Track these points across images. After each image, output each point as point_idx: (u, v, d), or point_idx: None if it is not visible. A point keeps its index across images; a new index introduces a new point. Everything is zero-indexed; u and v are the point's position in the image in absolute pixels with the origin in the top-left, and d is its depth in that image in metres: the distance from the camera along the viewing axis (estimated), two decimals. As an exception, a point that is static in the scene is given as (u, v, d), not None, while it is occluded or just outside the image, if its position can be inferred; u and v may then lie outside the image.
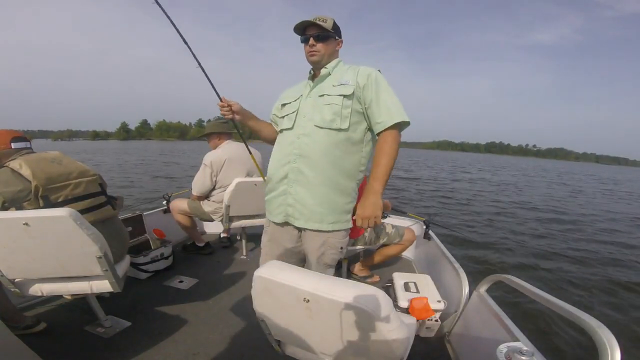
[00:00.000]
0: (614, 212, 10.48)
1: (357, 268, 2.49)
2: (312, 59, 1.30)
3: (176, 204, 2.69)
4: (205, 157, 2.56)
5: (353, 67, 1.31)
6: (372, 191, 1.18)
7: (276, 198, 1.35)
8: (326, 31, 1.27)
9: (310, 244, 1.33)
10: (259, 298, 0.97)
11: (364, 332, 0.84)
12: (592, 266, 4.89)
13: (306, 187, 1.26)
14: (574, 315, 0.96)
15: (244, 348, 1.61)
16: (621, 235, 7.17)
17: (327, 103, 1.24)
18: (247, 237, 2.85)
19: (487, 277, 1.57)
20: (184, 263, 2.62)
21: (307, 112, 1.28)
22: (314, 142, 1.24)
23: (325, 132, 1.23)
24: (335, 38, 1.32)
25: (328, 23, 1.27)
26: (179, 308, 1.95)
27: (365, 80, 1.23)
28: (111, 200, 1.71)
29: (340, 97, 1.23)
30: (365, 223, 1.19)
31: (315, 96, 1.29)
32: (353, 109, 1.23)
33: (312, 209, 1.26)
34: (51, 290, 1.47)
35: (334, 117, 1.22)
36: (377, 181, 1.18)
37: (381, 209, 1.18)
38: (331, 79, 1.30)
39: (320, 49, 1.28)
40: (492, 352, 0.92)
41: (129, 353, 1.53)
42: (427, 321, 1.71)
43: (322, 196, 1.25)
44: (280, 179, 1.32)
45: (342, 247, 1.33)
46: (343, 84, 1.25)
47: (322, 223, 1.27)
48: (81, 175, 1.57)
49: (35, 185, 1.37)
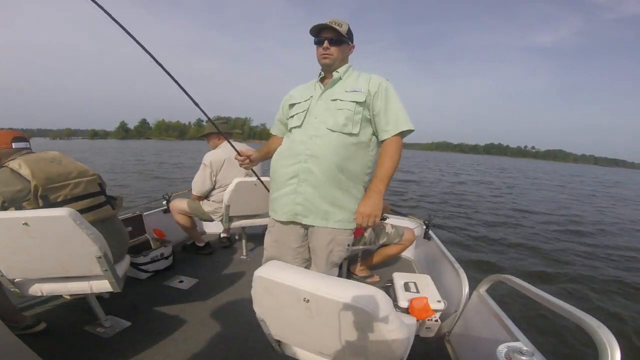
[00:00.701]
0: (614, 213, 10.49)
1: (357, 268, 2.49)
2: (324, 61, 1.33)
3: (176, 204, 2.68)
4: (204, 157, 2.56)
5: (364, 74, 1.35)
6: (375, 191, 1.24)
7: (283, 197, 1.36)
8: (341, 36, 1.30)
9: (319, 242, 1.36)
10: (259, 298, 0.97)
11: (364, 332, 0.84)
12: (592, 266, 4.89)
13: (315, 187, 1.30)
14: (574, 315, 0.96)
15: (244, 348, 1.61)
16: (622, 236, 7.18)
17: (339, 108, 1.29)
18: (247, 237, 2.85)
19: (487, 277, 1.57)
20: (184, 263, 2.62)
21: (318, 114, 1.32)
22: (326, 144, 1.28)
23: (337, 135, 1.28)
24: (348, 43, 1.36)
25: (343, 28, 1.30)
26: (179, 308, 1.95)
27: (377, 88, 1.29)
28: (110, 200, 1.71)
29: (353, 103, 1.28)
30: (366, 221, 1.23)
31: (327, 99, 1.33)
32: (363, 115, 1.29)
33: (321, 207, 1.30)
34: (51, 290, 1.47)
35: (347, 121, 1.27)
36: (380, 182, 1.24)
37: (382, 208, 1.23)
38: (342, 83, 1.34)
39: (333, 53, 1.31)
40: (492, 352, 0.92)
41: (129, 353, 1.52)
42: (427, 321, 1.71)
43: (331, 196, 1.30)
44: (288, 178, 1.34)
45: (348, 245, 1.37)
46: (356, 91, 1.29)
47: (330, 221, 1.31)
48: (80, 175, 1.57)
49: (34, 185, 1.37)
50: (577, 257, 5.30)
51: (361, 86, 1.30)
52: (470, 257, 4.78)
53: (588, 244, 6.21)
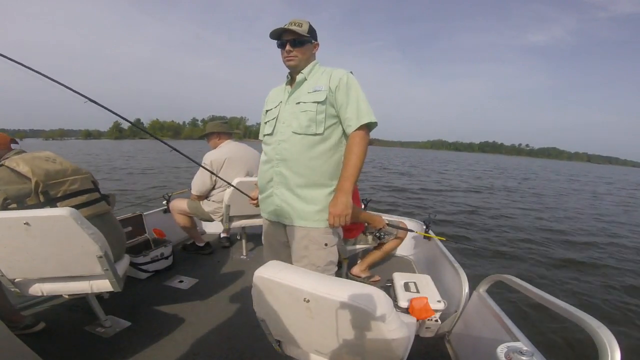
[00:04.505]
0: (615, 214, 10.48)
1: (357, 269, 2.49)
2: (289, 64, 1.34)
3: (176, 204, 2.69)
4: (205, 157, 2.56)
5: (327, 70, 1.35)
6: (342, 190, 1.25)
7: (266, 199, 1.43)
8: (302, 36, 1.30)
9: (293, 238, 1.38)
10: (259, 298, 0.97)
11: (364, 332, 0.84)
12: (592, 266, 4.89)
13: (289, 189, 1.33)
14: (574, 315, 0.96)
15: (244, 348, 1.61)
16: (621, 237, 7.17)
17: (303, 110, 1.30)
18: (247, 237, 2.85)
19: (487, 277, 1.58)
20: (184, 263, 2.62)
21: (285, 119, 1.34)
22: (292, 146, 1.31)
23: (302, 137, 1.29)
24: (311, 42, 1.35)
25: (303, 27, 1.30)
26: (179, 308, 1.95)
27: (337, 83, 1.28)
28: (105, 197, 1.72)
29: (314, 103, 1.28)
30: (337, 221, 1.24)
31: (292, 103, 1.34)
32: (327, 113, 1.29)
33: (296, 208, 1.33)
34: (51, 290, 1.47)
35: (310, 123, 1.28)
36: (346, 180, 1.25)
37: (351, 207, 1.24)
38: (307, 84, 1.35)
39: (297, 54, 1.32)
40: (492, 352, 0.92)
41: (129, 353, 1.53)
42: (427, 321, 1.71)
43: (305, 196, 1.32)
44: (267, 182, 1.40)
45: (326, 244, 1.36)
46: (317, 90, 1.30)
47: (307, 220, 1.33)
48: (75, 172, 1.60)
49: (35, 182, 1.39)
50: (578, 257, 5.29)
51: (322, 84, 1.30)
52: (470, 257, 4.78)
53: (589, 245, 6.20)
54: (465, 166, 35.72)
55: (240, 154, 2.62)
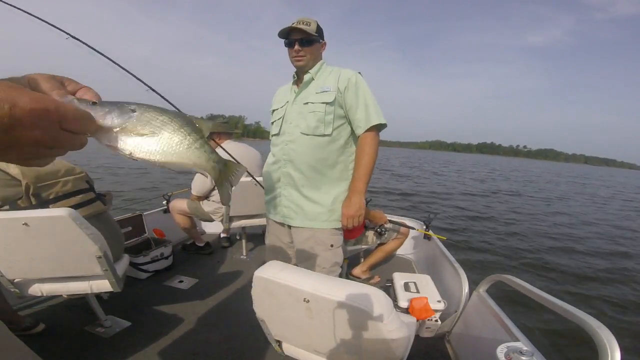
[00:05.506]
0: (615, 214, 10.48)
1: (357, 269, 2.48)
2: (298, 64, 1.32)
3: (176, 204, 2.68)
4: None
5: (335, 70, 1.33)
6: (355, 191, 1.25)
7: (274, 199, 1.42)
8: (311, 35, 1.28)
9: (299, 238, 1.37)
10: (259, 298, 0.97)
11: (364, 332, 0.84)
12: (592, 267, 4.89)
13: (297, 190, 1.33)
14: (574, 315, 0.96)
15: (244, 348, 1.61)
16: (622, 237, 7.17)
17: (311, 111, 1.29)
18: (247, 237, 2.85)
19: (487, 277, 1.57)
20: (184, 263, 2.61)
21: (292, 119, 1.33)
22: (300, 147, 1.30)
23: (310, 138, 1.28)
24: (319, 41, 1.34)
25: (312, 26, 1.28)
26: (179, 308, 1.95)
27: (346, 84, 1.27)
28: (100, 197, 1.70)
29: (323, 104, 1.27)
30: (350, 222, 1.25)
31: (300, 103, 1.33)
32: (336, 114, 1.28)
33: (303, 209, 1.32)
34: (51, 290, 1.47)
35: (318, 123, 1.27)
36: (359, 181, 1.25)
37: (363, 207, 1.25)
38: (314, 84, 1.33)
39: (306, 54, 1.30)
40: (492, 352, 0.92)
41: (129, 353, 1.52)
42: (427, 321, 1.71)
43: (312, 197, 1.31)
44: (275, 182, 1.39)
45: (332, 245, 1.35)
46: (325, 91, 1.28)
47: (313, 221, 1.32)
48: (68, 173, 1.57)
49: (25, 184, 1.37)
50: (578, 257, 5.29)
51: (330, 85, 1.29)
52: (470, 257, 4.78)
53: (589, 245, 6.20)
54: (467, 167, 35.67)
55: (240, 154, 2.62)
